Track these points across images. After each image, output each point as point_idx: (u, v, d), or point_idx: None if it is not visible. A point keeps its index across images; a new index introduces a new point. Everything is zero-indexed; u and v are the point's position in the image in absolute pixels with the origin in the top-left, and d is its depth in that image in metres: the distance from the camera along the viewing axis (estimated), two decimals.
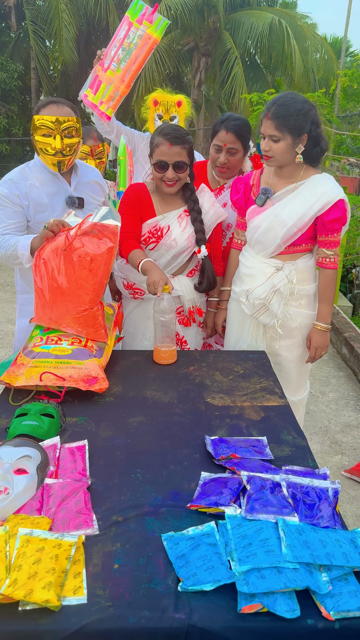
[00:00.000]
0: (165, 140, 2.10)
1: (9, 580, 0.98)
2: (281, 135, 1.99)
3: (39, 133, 2.04)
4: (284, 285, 2.14)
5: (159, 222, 2.24)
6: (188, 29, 14.30)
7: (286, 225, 2.10)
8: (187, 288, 2.30)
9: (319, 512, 1.17)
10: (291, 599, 0.99)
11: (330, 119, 7.00)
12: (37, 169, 2.14)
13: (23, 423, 1.47)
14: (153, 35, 2.75)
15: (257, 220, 2.17)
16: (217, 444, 1.46)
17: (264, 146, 2.03)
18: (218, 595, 1.01)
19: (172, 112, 2.96)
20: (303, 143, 2.03)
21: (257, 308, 2.21)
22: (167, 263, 2.27)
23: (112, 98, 2.82)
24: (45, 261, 1.85)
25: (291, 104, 1.98)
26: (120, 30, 2.79)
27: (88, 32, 15.85)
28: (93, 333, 1.89)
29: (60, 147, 2.04)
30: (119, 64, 2.77)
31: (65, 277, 1.82)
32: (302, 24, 14.74)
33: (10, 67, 15.44)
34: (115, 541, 1.13)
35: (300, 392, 2.38)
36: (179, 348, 2.37)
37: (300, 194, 2.09)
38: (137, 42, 2.74)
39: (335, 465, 3.02)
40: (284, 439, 1.54)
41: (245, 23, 13.97)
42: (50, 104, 2.06)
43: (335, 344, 4.74)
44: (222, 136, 2.36)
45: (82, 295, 1.84)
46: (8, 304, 5.51)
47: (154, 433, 1.55)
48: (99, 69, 2.83)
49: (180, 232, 2.23)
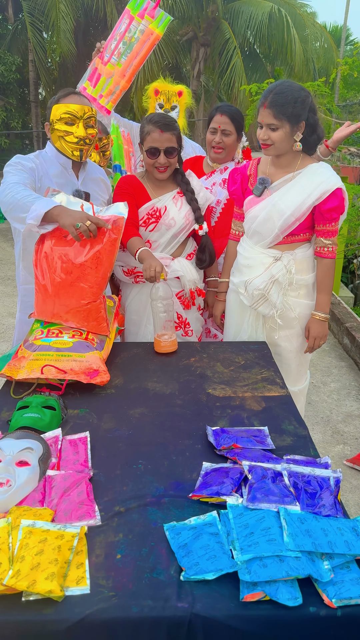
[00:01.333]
0: (156, 127, 2.19)
1: (12, 571, 0.99)
2: (279, 124, 1.98)
3: (62, 121, 2.05)
4: (282, 275, 2.14)
5: (155, 204, 2.32)
6: (186, 18, 14.18)
7: (284, 215, 2.09)
8: (187, 269, 2.35)
9: (321, 500, 1.18)
10: (293, 587, 1.00)
11: (330, 108, 6.95)
12: (49, 159, 2.15)
13: (25, 416, 1.48)
14: (155, 31, 2.73)
15: (254, 210, 2.16)
16: (218, 435, 1.46)
17: (262, 135, 2.02)
18: (220, 584, 1.01)
19: (173, 101, 2.95)
20: (301, 130, 2.02)
21: (256, 299, 2.20)
22: (167, 242, 2.34)
23: (112, 92, 2.81)
24: (47, 255, 1.84)
25: (288, 91, 1.97)
26: (121, 24, 2.76)
27: (86, 23, 15.72)
28: (96, 326, 1.89)
29: (84, 135, 2.07)
30: (120, 58, 2.75)
31: (68, 269, 1.82)
32: (302, 12, 14.59)
33: (8, 60, 15.33)
34: (117, 532, 1.13)
35: (300, 382, 2.38)
36: (182, 331, 2.41)
37: (298, 182, 2.08)
38: (138, 36, 2.73)
39: (337, 455, 3.03)
40: (285, 428, 1.54)
41: (244, 12, 13.84)
42: (72, 94, 2.09)
43: (336, 334, 4.73)
44: (217, 119, 2.51)
45: (85, 288, 1.84)
46: (9, 297, 5.51)
47: (156, 424, 1.56)
48: (98, 62, 2.81)
49: (177, 211, 2.32)
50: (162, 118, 2.22)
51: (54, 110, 2.06)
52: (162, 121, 2.20)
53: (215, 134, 2.52)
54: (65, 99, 2.07)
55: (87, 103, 2.12)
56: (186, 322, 2.42)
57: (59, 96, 2.08)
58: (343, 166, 7.15)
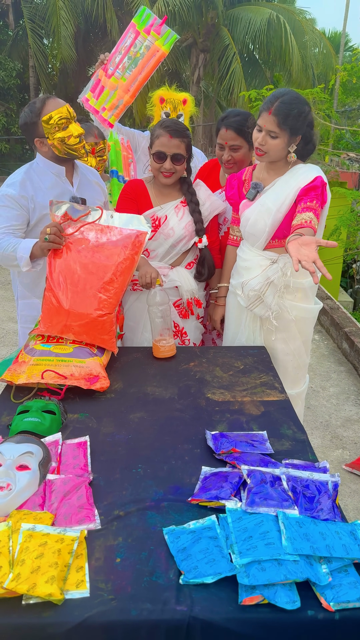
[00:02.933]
0: (166, 132, 2.18)
1: (12, 575, 1.00)
2: (280, 133, 2.00)
3: (59, 128, 2.04)
4: (278, 277, 2.15)
5: (156, 212, 2.31)
6: (186, 25, 14.27)
7: (271, 212, 2.11)
8: (186, 279, 2.34)
9: (319, 504, 1.18)
10: (291, 591, 1.00)
11: (329, 113, 6.99)
12: (40, 170, 2.14)
13: (25, 420, 1.48)
14: (161, 49, 2.74)
15: (247, 213, 2.20)
16: (217, 439, 1.47)
17: (260, 140, 2.03)
18: (219, 587, 1.02)
19: (179, 109, 2.96)
20: (296, 143, 2.06)
21: (251, 300, 2.22)
22: (165, 252, 2.33)
23: (115, 106, 2.82)
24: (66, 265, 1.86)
25: (295, 103, 1.99)
26: (126, 38, 2.77)
27: (86, 29, 15.81)
28: (107, 340, 1.87)
29: (81, 130, 2.08)
30: (124, 72, 2.76)
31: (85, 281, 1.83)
32: (301, 18, 14.69)
33: (9, 66, 15.41)
34: (117, 535, 1.14)
35: (297, 385, 2.38)
36: (179, 340, 2.41)
37: (282, 180, 2.12)
38: (144, 52, 2.74)
39: (337, 459, 3.04)
40: (284, 433, 1.55)
41: (243, 19, 13.93)
42: (48, 99, 2.06)
43: (335, 338, 4.74)
44: (222, 134, 2.40)
45: (103, 299, 1.84)
46: (9, 302, 5.52)
47: (155, 428, 1.56)
48: (102, 74, 2.82)
49: (177, 222, 2.30)
50: (173, 124, 2.22)
51: (46, 124, 2.03)
52: (173, 127, 2.20)
53: (224, 150, 2.42)
54: (45, 107, 2.03)
55: (63, 101, 2.10)
56: (183, 332, 2.41)
57: (39, 107, 2.04)
58: (342, 171, 7.19)
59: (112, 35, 14.25)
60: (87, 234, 1.90)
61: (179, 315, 2.39)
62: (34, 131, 2.06)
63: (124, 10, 14.76)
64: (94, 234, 1.89)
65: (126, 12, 14.67)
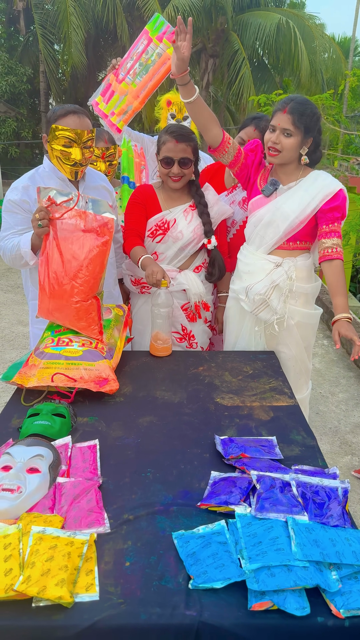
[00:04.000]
0: (172, 137, 2.21)
1: (22, 577, 1.00)
2: (295, 131, 2.01)
3: (59, 143, 2.03)
4: (283, 281, 2.14)
5: (165, 216, 2.33)
6: (196, 30, 14.31)
7: (289, 218, 2.11)
8: (194, 282, 2.35)
9: (329, 511, 1.18)
10: (301, 597, 1.00)
11: (338, 119, 6.98)
12: (46, 174, 2.15)
13: (35, 423, 1.49)
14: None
15: (259, 213, 2.18)
16: (226, 444, 1.47)
17: (274, 138, 2.03)
18: (228, 592, 1.02)
19: (185, 111, 2.98)
20: (307, 146, 2.08)
21: (257, 304, 2.20)
22: (173, 255, 2.35)
23: (124, 111, 2.84)
24: (47, 256, 1.88)
25: (309, 104, 2.04)
26: (139, 44, 2.79)
27: (96, 35, 15.92)
28: (86, 327, 1.90)
29: (80, 158, 2.06)
30: (135, 78, 2.78)
31: (62, 268, 1.86)
32: (310, 24, 14.69)
33: (20, 71, 15.54)
34: (126, 539, 1.14)
35: (301, 391, 2.35)
36: (187, 343, 2.43)
37: (302, 187, 2.12)
38: (155, 59, 2.76)
39: (346, 465, 3.02)
40: (293, 438, 1.54)
41: (253, 24, 13.95)
42: (71, 114, 2.02)
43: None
44: (249, 131, 2.49)
45: (75, 286, 1.86)
46: (19, 305, 5.56)
47: (164, 433, 1.57)
48: (112, 78, 2.84)
49: (186, 225, 2.32)
50: (178, 129, 2.26)
51: (52, 131, 2.03)
52: (178, 132, 2.23)
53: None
54: (64, 119, 2.01)
55: (87, 124, 2.06)
56: (190, 335, 2.42)
57: (58, 115, 2.02)
58: (351, 176, 7.17)
59: (123, 41, 14.34)
60: (69, 220, 1.90)
61: (187, 319, 2.40)
62: (47, 128, 2.08)
63: (134, 15, 14.86)
64: (73, 220, 1.90)
65: (136, 17, 14.77)
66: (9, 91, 15.36)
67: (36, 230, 1.90)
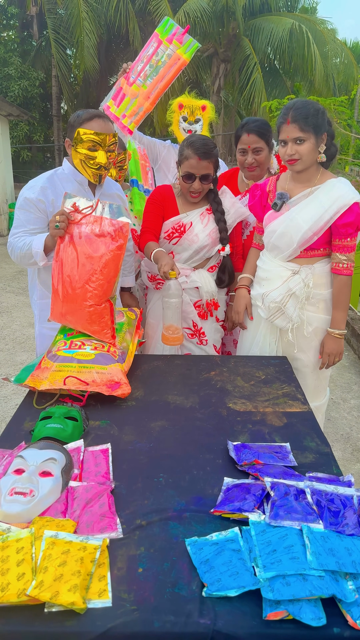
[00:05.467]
0: (195, 154, 2.21)
1: (35, 582, 0.99)
2: (306, 136, 2.00)
3: (84, 146, 2.04)
4: (299, 288, 2.14)
5: (181, 219, 2.36)
6: (207, 35, 14.36)
7: (302, 230, 2.10)
8: (206, 281, 2.39)
9: (344, 519, 1.16)
10: (317, 607, 0.98)
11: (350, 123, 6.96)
12: (65, 177, 2.15)
13: (47, 426, 1.49)
14: (182, 57, 2.78)
15: (273, 225, 2.18)
16: (239, 450, 1.45)
17: (288, 151, 2.02)
18: (243, 601, 1.01)
19: (197, 114, 2.99)
20: (324, 142, 2.05)
21: (272, 311, 2.21)
22: (189, 257, 2.38)
23: (135, 113, 2.85)
24: (62, 259, 1.88)
25: (308, 104, 2.01)
26: (149, 47, 2.80)
27: (108, 39, 16.02)
28: (99, 331, 1.90)
29: (105, 162, 2.06)
30: (145, 80, 2.79)
31: (76, 272, 1.85)
32: (322, 29, 14.67)
33: (32, 75, 15.68)
34: (139, 545, 1.13)
35: (318, 398, 2.35)
36: (197, 340, 2.46)
37: (316, 198, 2.09)
38: (165, 60, 2.77)
39: (358, 472, 2.99)
40: (307, 445, 1.53)
41: (265, 29, 13.97)
42: (96, 118, 2.04)
43: (356, 350, 4.69)
44: (244, 139, 2.49)
45: (89, 290, 1.86)
46: (30, 308, 5.58)
47: (177, 437, 1.56)
48: (123, 82, 2.85)
49: (202, 229, 2.34)
50: (202, 145, 2.21)
51: (77, 134, 2.03)
52: (202, 149, 2.20)
53: (246, 154, 2.50)
54: (89, 123, 2.03)
55: (111, 128, 2.08)
56: (201, 332, 2.45)
57: (84, 119, 2.04)
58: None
59: (134, 46, 14.42)
60: (85, 226, 1.90)
61: (198, 316, 2.43)
62: (70, 132, 2.08)
63: (146, 20, 14.94)
64: (89, 226, 1.90)
65: (148, 22, 14.84)
66: (21, 95, 15.49)
67: (52, 232, 1.91)
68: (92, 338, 1.89)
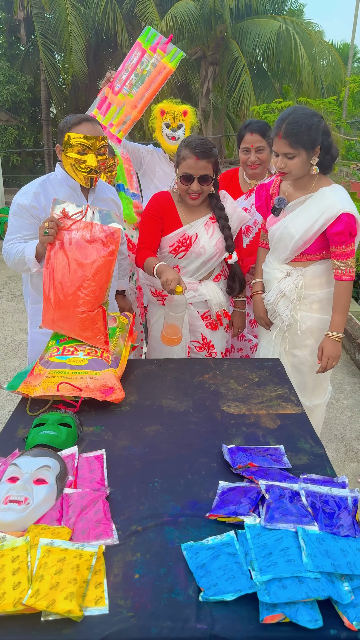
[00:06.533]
0: (192, 154, 2.15)
1: (31, 591, 0.99)
2: (296, 152, 2.03)
3: (74, 150, 2.03)
4: (289, 290, 2.21)
5: (186, 231, 2.30)
6: (195, 38, 14.41)
7: (293, 238, 2.17)
8: (214, 292, 2.37)
9: (339, 521, 1.17)
10: (313, 609, 0.99)
11: (339, 124, 7.00)
12: (57, 182, 2.15)
13: (41, 433, 1.48)
14: (168, 65, 2.83)
15: (272, 229, 2.27)
16: (234, 453, 1.46)
17: (279, 164, 2.07)
18: (239, 605, 1.01)
19: (179, 120, 3.01)
20: (317, 155, 2.07)
21: (270, 312, 2.34)
22: (195, 269, 2.35)
23: (123, 122, 2.88)
24: (53, 266, 1.87)
25: (302, 119, 2.01)
26: (133, 56, 2.83)
27: (96, 43, 16.03)
28: (91, 337, 1.89)
29: (95, 165, 2.06)
30: (131, 88, 2.82)
31: (67, 278, 1.85)
32: (309, 30, 14.77)
33: (21, 80, 15.65)
34: (135, 551, 1.13)
35: (317, 397, 2.39)
36: (206, 352, 2.46)
37: (307, 207, 2.15)
38: (150, 69, 2.81)
39: (352, 472, 3.00)
40: (301, 447, 1.53)
41: (252, 31, 14.04)
42: (85, 121, 2.04)
43: (349, 350, 4.71)
44: (248, 139, 2.61)
45: (81, 296, 1.85)
46: (22, 313, 5.56)
47: (171, 442, 1.56)
48: (108, 91, 2.88)
49: (208, 239, 2.29)
50: (200, 144, 2.16)
51: (66, 139, 2.03)
52: (200, 148, 2.14)
53: (249, 153, 2.61)
54: (78, 127, 2.02)
55: (100, 131, 2.08)
56: (210, 344, 2.44)
57: (72, 123, 2.03)
58: (353, 182, 7.18)
59: (123, 49, 14.44)
60: (76, 232, 1.90)
61: (207, 327, 2.42)
62: (60, 138, 2.08)
63: (134, 24, 14.96)
64: (80, 232, 1.90)
65: (136, 26, 14.86)
66: (10, 100, 15.46)
67: (41, 239, 1.91)
68: (85, 344, 1.89)
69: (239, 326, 2.54)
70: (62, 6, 14.01)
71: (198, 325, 2.40)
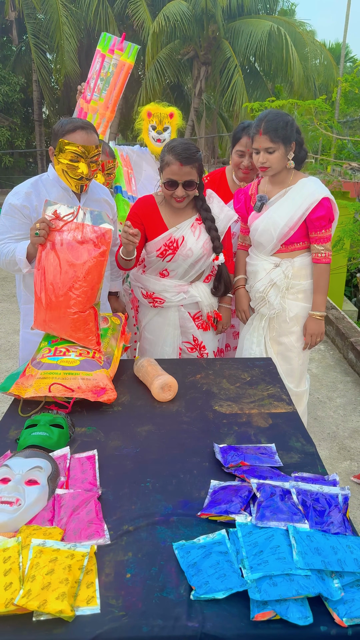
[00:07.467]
0: (176, 160, 2.12)
1: (23, 591, 0.99)
2: (276, 146, 2.22)
3: (66, 157, 2.03)
4: (280, 279, 2.39)
5: (172, 234, 2.29)
6: (187, 38, 14.43)
7: (279, 226, 2.33)
8: (205, 294, 2.40)
9: (329, 518, 1.18)
10: (303, 606, 0.99)
11: (331, 124, 7.02)
12: (49, 183, 2.15)
13: (33, 434, 1.48)
14: (127, 62, 2.90)
15: (255, 224, 2.40)
16: (226, 452, 1.46)
17: (260, 159, 2.25)
18: (230, 603, 1.01)
19: (165, 123, 3.03)
20: (293, 150, 2.28)
21: (257, 301, 2.46)
22: (184, 272, 2.35)
23: (100, 125, 2.94)
24: (44, 267, 1.87)
25: (279, 117, 2.22)
26: (95, 64, 2.95)
27: (88, 43, 16.00)
28: (83, 338, 1.89)
29: (87, 173, 2.06)
30: (100, 93, 2.92)
31: (59, 279, 1.85)
32: (301, 30, 14.83)
33: (13, 80, 15.59)
34: (126, 550, 1.14)
35: (302, 383, 2.57)
36: (198, 353, 2.49)
37: (290, 197, 2.33)
38: (112, 70, 2.91)
39: (345, 471, 3.02)
40: (292, 445, 1.54)
41: (244, 31, 14.08)
42: (79, 130, 2.02)
43: (341, 349, 4.73)
44: (244, 142, 2.56)
45: (73, 297, 1.86)
46: (14, 314, 5.54)
47: (163, 442, 1.56)
48: (82, 102, 2.96)
49: (194, 241, 2.29)
50: (184, 150, 2.12)
51: (60, 145, 2.02)
52: (184, 154, 2.11)
53: (244, 157, 2.58)
54: (72, 135, 2.01)
55: (94, 139, 2.06)
56: (202, 345, 2.47)
57: (67, 130, 2.01)
58: (345, 181, 7.21)
59: None
60: (67, 233, 1.90)
61: (199, 328, 2.44)
62: (54, 141, 2.08)
63: (126, 24, 14.97)
64: (71, 233, 1.90)
65: (128, 26, 14.86)
66: (2, 101, 15.41)
67: (32, 239, 1.90)
68: (77, 344, 1.89)
69: (224, 323, 2.52)
70: (53, 7, 13.99)
71: (189, 326, 2.41)
